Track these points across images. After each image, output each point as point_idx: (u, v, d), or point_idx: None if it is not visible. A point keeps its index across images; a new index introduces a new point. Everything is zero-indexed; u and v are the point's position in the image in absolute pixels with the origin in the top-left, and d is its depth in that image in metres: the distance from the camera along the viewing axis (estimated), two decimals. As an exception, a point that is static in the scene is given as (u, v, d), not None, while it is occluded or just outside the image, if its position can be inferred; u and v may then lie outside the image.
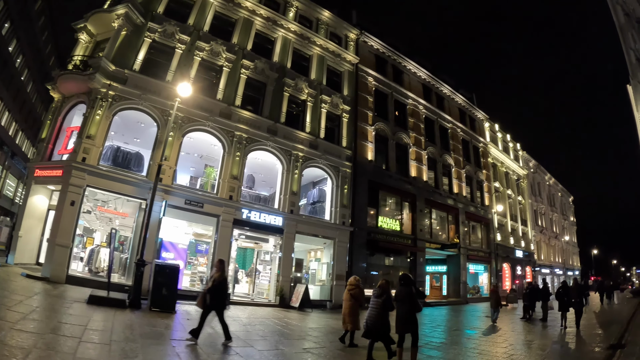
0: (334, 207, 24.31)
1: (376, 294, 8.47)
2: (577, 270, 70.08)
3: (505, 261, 40.74)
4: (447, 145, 34.64)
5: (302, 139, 23.49)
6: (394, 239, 26.75)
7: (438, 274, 33.79)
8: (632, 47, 22.85)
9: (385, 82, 30.26)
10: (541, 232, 53.65)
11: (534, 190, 53.82)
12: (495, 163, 43.00)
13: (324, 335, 12.37)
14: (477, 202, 36.61)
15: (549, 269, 56.11)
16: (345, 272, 23.34)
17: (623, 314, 21.68)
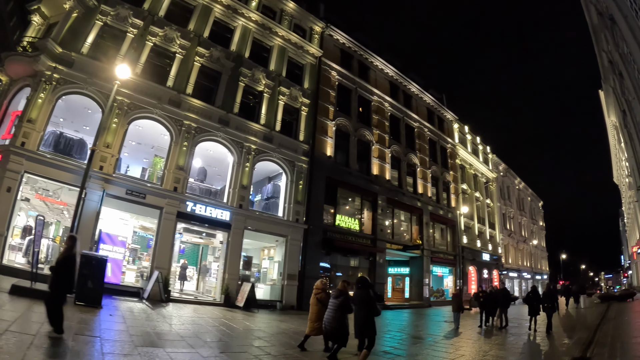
0: (287, 203, 23.01)
1: (334, 295, 8.25)
2: (546, 275, 70.29)
3: (471, 264, 40.03)
4: (412, 145, 33.64)
5: (256, 131, 22.27)
6: (353, 239, 25.47)
7: (400, 275, 32.70)
8: (604, 49, 22.28)
9: (350, 77, 29.06)
10: (509, 236, 53.26)
11: (503, 193, 53.41)
12: (463, 165, 42.25)
13: (263, 340, 11.09)
14: (443, 204, 35.72)
15: (517, 272, 55.77)
16: (298, 272, 22.32)
17: (588, 320, 20.40)
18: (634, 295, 34.61)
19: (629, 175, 32.84)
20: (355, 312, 7.73)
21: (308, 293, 21.85)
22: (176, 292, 19.92)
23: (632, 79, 15.57)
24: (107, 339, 8.01)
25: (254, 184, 25.84)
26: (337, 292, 8.28)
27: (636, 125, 18.85)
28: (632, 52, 13.96)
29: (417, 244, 30.13)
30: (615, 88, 23.31)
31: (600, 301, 37.40)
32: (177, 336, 9.74)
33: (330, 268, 24.92)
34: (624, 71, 16.99)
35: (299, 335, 10.99)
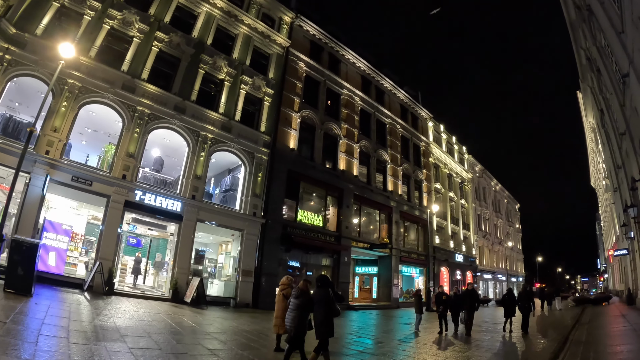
0: (244, 196, 21.92)
1: (295, 295, 7.94)
2: (522, 277, 70.09)
3: (443, 265, 39.27)
4: (384, 141, 32.74)
5: (214, 120, 21.29)
6: (315, 235, 24.40)
7: (368, 275, 31.72)
8: (582, 46, 21.71)
9: (319, 69, 28.03)
10: (484, 237, 52.78)
11: (478, 194, 52.91)
12: (437, 164, 41.53)
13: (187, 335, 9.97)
14: (414, 202, 34.88)
15: (492, 274, 55.33)
16: (254, 268, 21.30)
17: (561, 324, 19.01)
18: (610, 299, 33.88)
19: (606, 178, 32.52)
20: (315, 311, 7.49)
21: (265, 290, 21.09)
22: (127, 287, 19.09)
23: (609, 72, 15.00)
24: (12, 326, 7.40)
25: (216, 177, 25.03)
26: (298, 292, 7.94)
27: (613, 123, 18.37)
28: (609, 40, 13.24)
29: (385, 243, 29.15)
30: (593, 87, 22.98)
31: (575, 304, 36.43)
32: (92, 330, 8.68)
33: (291, 265, 23.75)
34: (601, 66, 16.48)
35: (252, 335, 10.82)
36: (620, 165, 19.52)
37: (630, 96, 12.24)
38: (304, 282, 8.21)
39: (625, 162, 17.63)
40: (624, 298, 28.76)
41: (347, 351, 10.32)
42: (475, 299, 15.78)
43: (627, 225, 21.25)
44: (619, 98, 14.66)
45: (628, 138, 14.68)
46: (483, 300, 40.45)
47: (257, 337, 11.19)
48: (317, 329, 7.34)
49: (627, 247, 24.60)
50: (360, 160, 29.45)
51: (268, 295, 20.99)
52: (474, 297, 15.60)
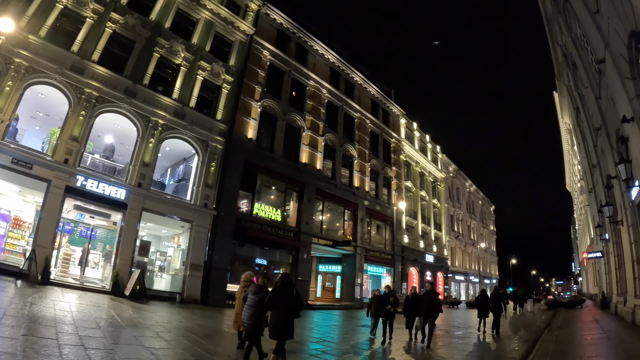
0: (196, 186, 21.06)
1: (253, 291, 7.76)
2: (495, 279, 70.26)
3: (413, 265, 38.72)
4: (351, 136, 32.03)
5: (167, 106, 20.41)
6: (273, 230, 23.46)
7: (331, 274, 30.91)
8: (558, 41, 21.37)
9: (284, 58, 27.16)
10: (457, 238, 52.61)
11: (452, 195, 52.70)
12: (409, 162, 41.03)
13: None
14: (382, 200, 34.18)
15: (464, 276, 55.27)
16: (204, 262, 20.41)
17: (532, 328, 18.01)
18: (583, 303, 33.39)
19: (581, 179, 32.46)
20: (275, 310, 7.13)
21: (214, 286, 20.04)
22: (71, 277, 17.99)
23: (585, 64, 14.84)
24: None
25: (172, 167, 24.16)
26: (257, 288, 7.83)
27: (588, 120, 18.35)
28: (584, 27, 12.85)
29: (348, 240, 28.31)
30: (569, 86, 23.07)
31: (548, 307, 35.72)
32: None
33: (245, 260, 22.83)
34: (577, 59, 16.29)
35: (194, 333, 10.08)
36: (596, 164, 19.26)
37: (606, 85, 11.91)
38: (263, 279, 8.16)
39: (601, 160, 17.34)
40: (598, 302, 28.50)
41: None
42: (435, 301, 12.02)
43: (601, 227, 21.05)
44: (594, 91, 14.42)
45: (604, 133, 14.36)
46: (453, 301, 39.95)
47: (200, 336, 10.51)
48: (275, 328, 7.02)
49: (601, 249, 24.25)
50: (325, 154, 28.69)
51: (218, 292, 20.21)
52: (433, 300, 11.97)
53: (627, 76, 8.99)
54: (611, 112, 12.12)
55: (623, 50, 8.94)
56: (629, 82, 8.99)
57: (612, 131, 12.99)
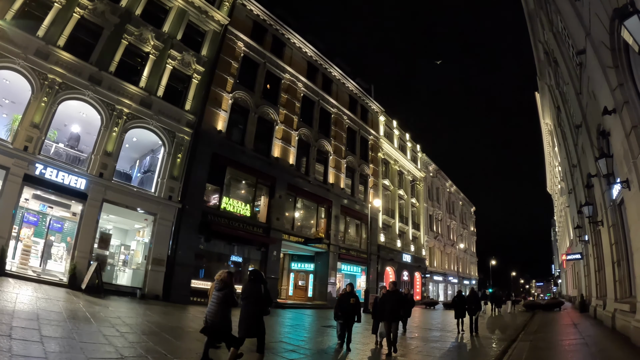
0: (161, 177, 20.62)
1: (217, 287, 7.55)
2: (475, 280, 70.76)
3: (389, 264, 38.64)
4: (327, 131, 31.82)
5: (133, 94, 19.93)
6: (241, 226, 23.07)
7: (304, 272, 30.59)
8: (540, 39, 21.35)
9: (260, 50, 26.78)
10: (436, 238, 52.78)
11: (431, 194, 52.85)
12: (387, 160, 40.96)
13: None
14: (358, 197, 33.98)
15: (443, 276, 55.52)
16: (167, 257, 19.94)
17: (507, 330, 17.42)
18: (562, 305, 33.18)
19: (561, 181, 32.64)
20: (243, 307, 7.17)
21: (178, 282, 19.54)
22: (31, 270, 17.50)
23: (566, 59, 14.94)
24: None
25: (141, 159, 23.58)
26: (222, 284, 7.56)
27: (569, 119, 18.39)
28: (565, 20, 12.79)
29: (320, 238, 28.05)
30: (551, 85, 23.20)
31: (526, 309, 35.47)
32: None
33: (211, 256, 22.42)
34: (558, 55, 16.38)
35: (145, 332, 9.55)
36: (576, 164, 19.18)
37: (587, 79, 11.67)
38: (226, 274, 7.82)
39: (581, 159, 17.22)
40: (577, 304, 28.41)
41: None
42: (398, 303, 10.65)
43: (581, 228, 20.73)
44: (575, 86, 14.29)
45: (584, 131, 14.14)
46: (430, 302, 39.77)
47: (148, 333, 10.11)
48: (243, 325, 6.99)
49: (581, 251, 24.14)
50: (299, 149, 28.40)
51: (182, 288, 19.79)
52: (396, 302, 10.57)
53: (609, 65, 8.82)
54: (592, 107, 11.95)
55: (605, 37, 8.75)
56: (611, 72, 8.80)
57: (592, 127, 12.81)
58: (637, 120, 8.00)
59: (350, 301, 11.14)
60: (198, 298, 20.36)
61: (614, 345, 10.20)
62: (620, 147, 9.07)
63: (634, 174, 8.24)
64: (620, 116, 8.58)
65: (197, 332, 8.50)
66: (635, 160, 8.05)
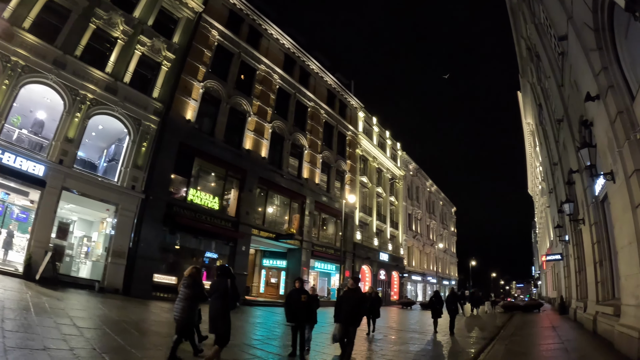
0: (124, 166, 20.15)
1: (185, 284, 7.60)
2: (454, 280, 71.24)
3: (365, 263, 38.45)
4: (303, 125, 31.60)
5: (98, 79, 19.41)
6: (208, 219, 22.66)
7: (276, 269, 30.30)
8: (522, 35, 21.31)
9: (235, 40, 26.40)
10: (414, 238, 52.93)
11: (411, 193, 52.96)
12: (366, 156, 40.88)
13: None
14: (334, 194, 33.78)
15: (421, 276, 55.72)
16: (128, 249, 19.44)
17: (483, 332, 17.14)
18: (541, 306, 32.85)
19: (542, 181, 32.70)
20: (211, 302, 7.03)
21: (139, 276, 19.01)
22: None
23: (548, 51, 14.86)
24: None
25: (108, 148, 23.06)
26: (189, 280, 7.64)
27: (551, 115, 18.17)
28: (547, 8, 12.65)
29: (291, 233, 27.73)
30: (533, 83, 23.09)
31: (504, 311, 34.69)
32: None
33: (176, 250, 21.97)
34: (540, 49, 16.36)
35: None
36: (557, 162, 18.99)
37: (569, 67, 11.40)
38: (194, 269, 7.91)
39: (563, 156, 17.05)
40: (556, 306, 28.31)
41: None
42: (358, 303, 8.54)
43: (561, 227, 20.66)
44: (557, 79, 14.09)
45: (566, 125, 13.84)
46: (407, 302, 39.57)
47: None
48: (212, 321, 6.90)
49: (561, 251, 24.06)
50: (272, 141, 28.14)
51: (143, 282, 19.31)
52: (356, 302, 8.52)
53: (593, 47, 8.47)
54: (574, 98, 11.70)
55: (588, 17, 8.40)
56: (594, 55, 8.48)
57: (574, 120, 12.52)
58: (623, 105, 7.58)
59: (301, 299, 9.42)
60: (161, 293, 19.95)
61: (596, 352, 9.50)
62: (604, 137, 8.64)
63: (619, 165, 7.69)
64: (604, 102, 8.18)
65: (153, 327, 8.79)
66: (620, 150, 7.52)
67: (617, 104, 7.65)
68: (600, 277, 11.65)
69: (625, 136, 7.27)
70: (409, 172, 52.35)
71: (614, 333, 8.84)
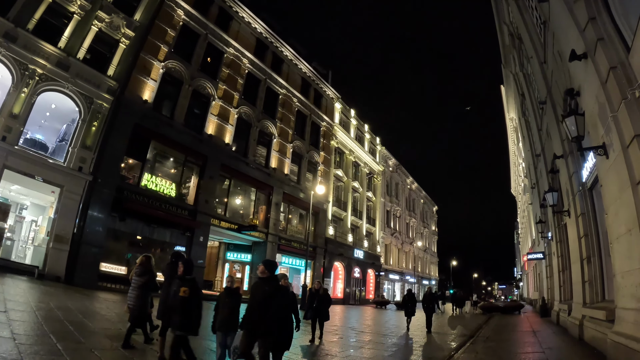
0: (72, 146, 19.45)
1: (137, 272, 7.62)
2: (435, 280, 71.32)
3: (338, 259, 38.04)
4: (273, 112, 31.08)
5: (50, 54, 18.72)
6: (163, 206, 22.04)
7: (240, 263, 29.69)
8: (505, 20, 20.85)
9: (202, 21, 25.77)
10: (393, 235, 52.74)
11: (390, 189, 52.75)
12: (342, 149, 40.49)
13: None
14: (305, 186, 33.28)
15: (399, 275, 55.61)
16: (72, 234, 18.65)
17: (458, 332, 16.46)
18: (522, 308, 32.19)
19: (525, 177, 32.39)
20: (163, 290, 6.96)
21: (84, 263, 18.24)
22: None
23: (530, 29, 14.30)
24: None
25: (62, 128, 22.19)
26: (141, 269, 7.70)
27: (533, 101, 17.68)
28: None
29: (253, 225, 27.09)
30: (516, 73, 22.68)
31: (482, 312, 32.92)
32: None
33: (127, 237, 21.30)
34: (522, 28, 15.79)
35: None
36: (540, 153, 18.42)
37: (552, 36, 10.57)
38: (145, 258, 7.94)
39: (546, 144, 16.40)
40: (537, 308, 27.81)
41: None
42: (263, 303, 5.73)
43: (543, 222, 20.00)
44: (539, 56, 13.45)
45: (550, 107, 13.07)
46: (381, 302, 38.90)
47: None
48: (167, 310, 6.55)
49: (543, 250, 23.47)
50: (238, 128, 27.57)
51: (88, 270, 18.54)
52: (263, 300, 5.78)
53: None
54: (558, 73, 10.94)
55: None
56: (579, 7, 7.55)
57: (558, 98, 11.64)
58: (617, 59, 6.51)
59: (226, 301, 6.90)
60: (108, 283, 19.29)
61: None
62: (594, 104, 7.43)
63: (613, 134, 6.53)
64: (593, 60, 7.15)
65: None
66: (615, 114, 6.42)
67: (609, 58, 6.63)
68: (587, 276, 10.60)
69: (621, 95, 6.23)
70: (388, 168, 52.10)
71: (607, 342, 7.52)
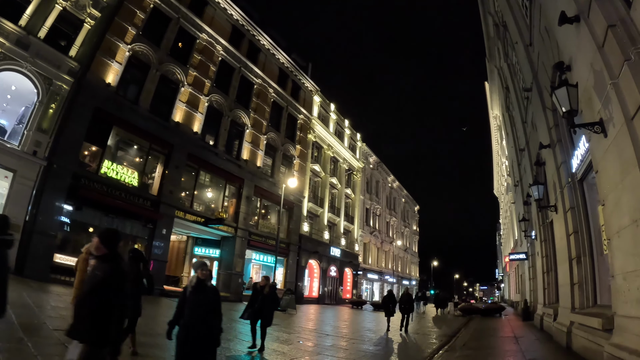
0: (28, 129, 18.81)
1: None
2: (415, 280, 71.54)
3: (313, 257, 37.76)
4: (247, 102, 30.75)
5: (9, 32, 18.05)
6: (123, 195, 21.47)
7: (208, 258, 29.09)
8: (490, 10, 20.56)
9: (174, 4, 25.35)
10: (372, 234, 52.71)
11: (370, 187, 52.68)
12: (320, 144, 40.27)
13: None
14: (278, 179, 32.75)
15: (378, 274, 55.63)
16: (23, 222, 17.90)
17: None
18: (503, 310, 31.97)
19: (508, 176, 32.26)
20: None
21: (36, 254, 17.51)
22: None
23: (515, 13, 13.68)
24: None
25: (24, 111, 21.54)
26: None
27: (518, 93, 17.35)
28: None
29: (220, 218, 26.56)
30: (500, 67, 22.56)
31: (462, 314, 32.22)
32: None
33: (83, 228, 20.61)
34: (507, 13, 15.04)
35: None
36: (524, 147, 17.96)
37: (539, 10, 9.87)
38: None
39: (531, 136, 15.82)
40: (519, 311, 27.30)
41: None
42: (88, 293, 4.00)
43: (527, 220, 19.46)
44: (524, 40, 12.96)
45: (536, 94, 12.49)
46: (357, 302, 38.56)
47: None
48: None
49: (526, 250, 22.92)
50: (208, 116, 27.11)
51: (40, 261, 17.76)
52: (90, 289, 4.03)
53: None
54: (544, 55, 10.29)
55: None
56: None
57: (545, 79, 10.78)
58: (616, 15, 5.63)
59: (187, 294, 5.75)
60: (62, 276, 18.57)
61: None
62: (589, 74, 6.56)
63: (613, 105, 5.64)
64: (586, 22, 6.33)
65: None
66: (616, 81, 5.53)
67: (606, 16, 5.72)
68: (577, 278, 9.78)
69: (623, 56, 5.34)
70: (368, 165, 52.01)
71: (604, 356, 6.37)
